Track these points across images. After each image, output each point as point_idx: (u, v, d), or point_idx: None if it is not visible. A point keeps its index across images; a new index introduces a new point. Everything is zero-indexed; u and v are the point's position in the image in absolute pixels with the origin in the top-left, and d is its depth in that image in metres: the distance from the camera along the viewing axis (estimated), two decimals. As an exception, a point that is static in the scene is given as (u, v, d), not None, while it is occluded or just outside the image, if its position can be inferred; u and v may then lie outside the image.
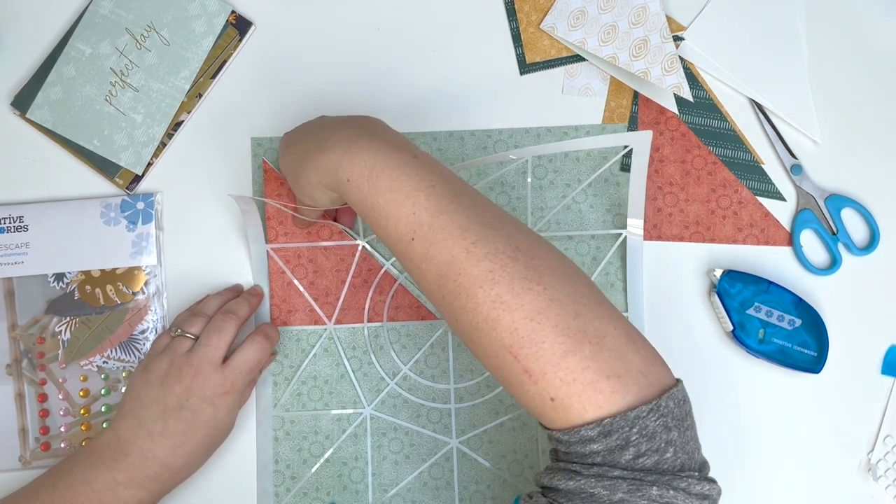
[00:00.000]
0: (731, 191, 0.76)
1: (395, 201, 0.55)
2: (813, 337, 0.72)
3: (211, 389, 0.64)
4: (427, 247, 0.54)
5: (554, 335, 0.50)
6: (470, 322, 0.52)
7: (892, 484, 0.72)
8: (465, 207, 0.54)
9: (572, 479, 0.49)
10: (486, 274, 0.51)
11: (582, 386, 0.49)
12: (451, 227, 0.53)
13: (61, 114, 0.75)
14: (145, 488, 0.63)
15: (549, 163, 0.76)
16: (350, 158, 0.57)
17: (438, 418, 0.73)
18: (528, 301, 0.50)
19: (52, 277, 0.73)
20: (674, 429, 0.50)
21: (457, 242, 0.53)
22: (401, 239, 0.55)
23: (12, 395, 0.72)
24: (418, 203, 0.54)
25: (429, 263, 0.54)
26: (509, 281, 0.51)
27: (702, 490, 0.49)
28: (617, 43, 0.75)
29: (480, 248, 0.52)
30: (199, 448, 0.65)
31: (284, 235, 0.74)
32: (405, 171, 0.55)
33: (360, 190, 0.56)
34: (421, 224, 0.54)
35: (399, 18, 0.77)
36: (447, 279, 0.53)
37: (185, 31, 0.75)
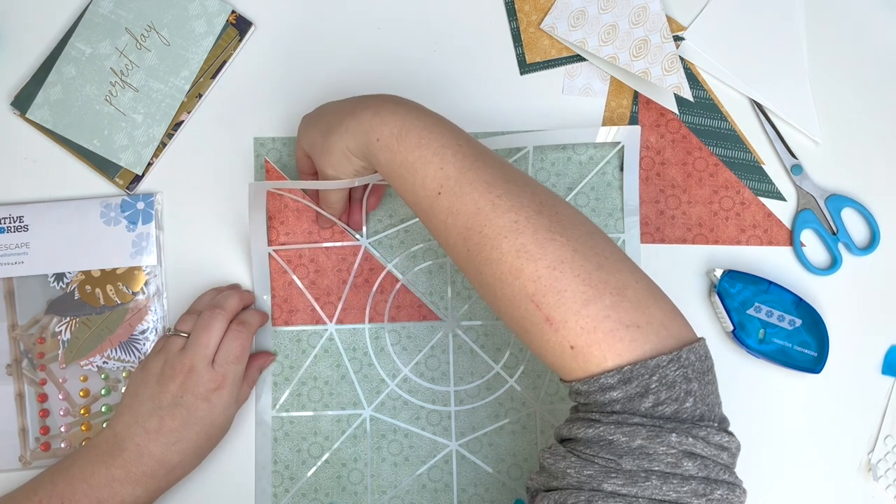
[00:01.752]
0: (734, 192, 0.76)
1: (423, 158, 0.57)
2: (813, 337, 0.72)
3: (204, 386, 0.65)
4: (453, 200, 0.56)
5: (576, 284, 0.51)
6: (493, 273, 0.54)
7: (893, 484, 0.72)
8: (491, 165, 0.57)
9: (591, 427, 0.50)
10: (511, 224, 0.53)
11: (602, 334, 0.50)
12: (478, 181, 0.55)
13: (61, 114, 0.75)
14: (142, 485, 0.63)
15: (552, 166, 0.76)
16: (380, 120, 0.59)
17: (438, 421, 0.73)
18: (551, 251, 0.52)
19: (52, 277, 0.73)
20: (694, 380, 0.51)
21: (483, 196, 0.55)
22: (427, 194, 0.57)
23: (12, 395, 0.72)
24: (446, 159, 0.57)
25: (455, 217, 0.56)
26: (533, 231, 0.53)
27: (720, 441, 0.50)
28: (617, 43, 0.75)
29: (506, 200, 0.54)
30: (194, 445, 0.65)
31: (286, 236, 0.74)
32: (432, 130, 0.58)
33: (390, 149, 0.59)
34: (448, 178, 0.56)
35: (399, 18, 0.77)
36: (472, 231, 0.55)
37: (186, 31, 0.76)
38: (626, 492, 0.48)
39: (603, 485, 0.48)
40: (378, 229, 0.75)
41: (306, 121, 0.67)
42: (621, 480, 0.48)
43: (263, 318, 0.72)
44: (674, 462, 0.48)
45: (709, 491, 0.48)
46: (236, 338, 0.67)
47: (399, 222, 0.75)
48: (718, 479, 0.49)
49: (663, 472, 0.48)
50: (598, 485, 0.48)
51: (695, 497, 0.48)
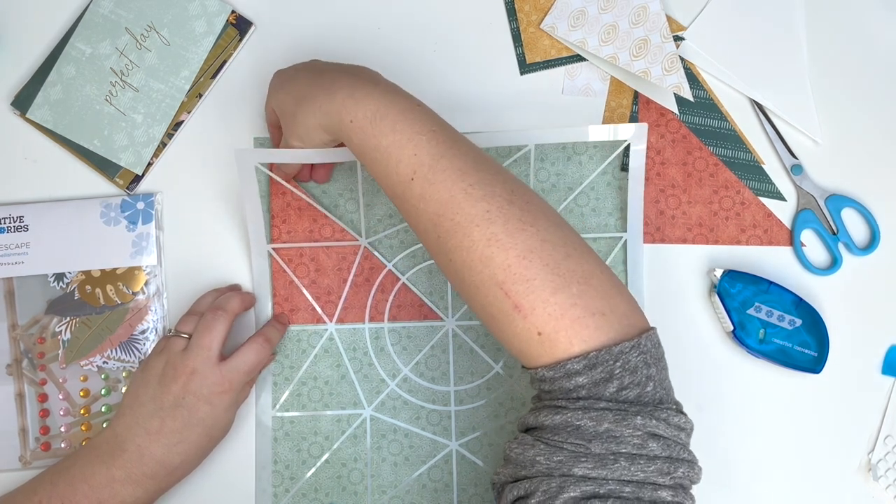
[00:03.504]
0: (734, 192, 0.76)
1: (397, 143, 0.57)
2: (813, 337, 0.72)
3: (208, 388, 0.64)
4: (426, 186, 0.56)
5: (545, 273, 0.52)
6: (463, 260, 0.55)
7: (893, 484, 0.72)
8: (465, 153, 0.57)
9: (558, 414, 0.51)
10: (483, 214, 0.54)
11: (569, 321, 0.52)
12: (451, 169, 0.56)
13: (61, 114, 0.75)
14: (142, 486, 0.63)
15: (552, 166, 0.76)
16: (354, 102, 0.59)
17: (438, 420, 0.73)
18: (521, 240, 0.53)
19: (53, 277, 0.73)
20: (653, 366, 0.53)
21: (455, 183, 0.55)
22: (400, 179, 0.57)
23: (12, 395, 0.72)
24: (420, 145, 0.57)
25: (426, 203, 0.56)
26: (504, 221, 0.54)
27: (678, 422, 0.52)
28: (617, 43, 0.75)
29: (478, 189, 0.55)
30: (195, 446, 0.65)
31: (287, 234, 0.74)
32: (407, 115, 0.58)
33: (364, 132, 0.59)
34: (422, 165, 0.56)
35: (399, 18, 0.77)
36: (444, 218, 0.55)
37: (186, 30, 0.76)
38: (595, 475, 0.49)
39: (573, 469, 0.50)
40: (378, 229, 0.75)
41: (279, 80, 0.67)
42: (591, 464, 0.50)
43: (283, 332, 0.73)
44: (640, 444, 0.50)
45: (672, 469, 0.50)
46: (257, 352, 0.68)
47: (399, 222, 0.75)
48: (679, 457, 0.51)
49: (630, 453, 0.50)
50: (568, 470, 0.50)
51: (660, 475, 0.50)
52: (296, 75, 0.65)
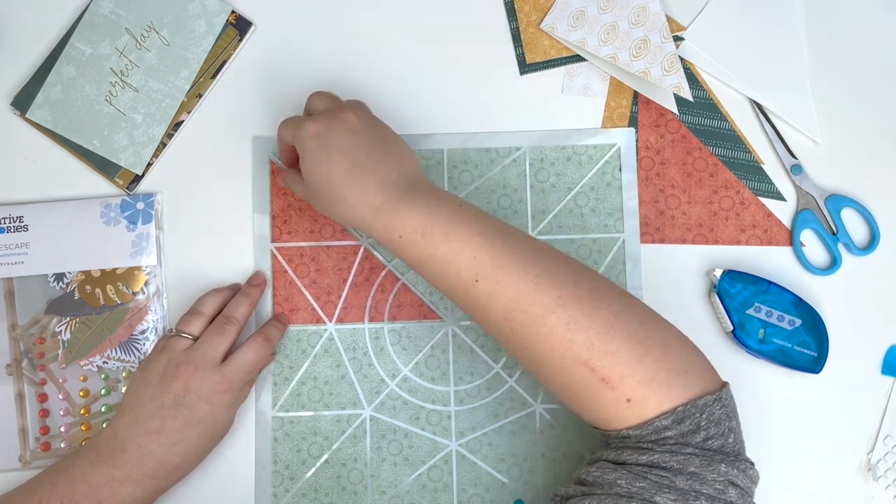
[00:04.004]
0: (733, 192, 0.76)
1: (453, 250, 0.58)
2: (813, 337, 0.72)
3: (208, 387, 0.65)
4: (493, 285, 0.57)
5: (627, 343, 0.55)
6: (542, 348, 0.56)
7: (892, 484, 0.72)
8: (520, 245, 0.59)
9: (644, 454, 0.53)
10: (555, 300, 0.56)
11: (657, 384, 0.54)
12: (513, 264, 0.57)
13: (61, 114, 0.75)
14: (142, 486, 0.63)
15: (552, 166, 0.76)
16: (400, 218, 0.60)
17: (438, 420, 0.73)
18: (598, 317, 0.55)
19: (52, 277, 0.73)
20: (733, 418, 0.56)
21: (521, 277, 0.57)
22: (463, 283, 0.59)
23: (12, 395, 0.72)
24: (477, 248, 0.58)
25: (495, 301, 0.57)
26: (578, 303, 0.56)
27: (753, 475, 0.55)
28: (617, 43, 0.75)
29: (544, 279, 0.57)
30: (195, 446, 0.65)
31: (288, 234, 0.74)
32: (456, 220, 0.59)
33: (415, 244, 0.59)
34: (484, 266, 0.58)
35: (399, 19, 0.77)
36: (517, 312, 0.57)
37: (186, 31, 0.76)
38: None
39: (655, 497, 0.51)
40: None
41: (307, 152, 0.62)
42: (673, 496, 0.51)
43: (283, 332, 0.73)
44: (721, 489, 0.52)
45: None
46: (258, 351, 0.68)
47: (399, 222, 0.75)
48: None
49: (711, 495, 0.52)
50: (650, 496, 0.51)
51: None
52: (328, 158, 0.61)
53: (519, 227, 0.75)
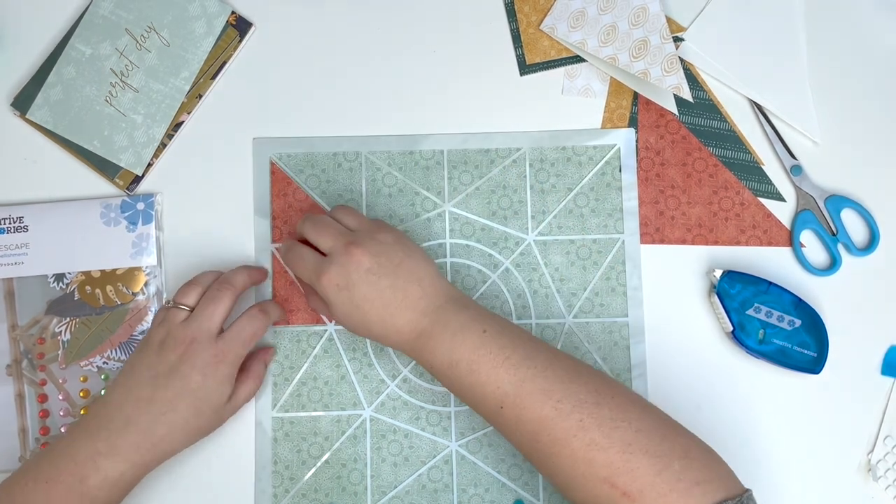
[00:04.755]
0: (733, 192, 0.76)
1: (478, 382, 0.61)
2: (813, 337, 0.72)
3: (203, 359, 0.64)
4: (517, 412, 0.60)
5: (646, 459, 0.56)
6: (564, 465, 0.58)
7: (892, 484, 0.72)
8: (543, 369, 0.60)
9: None
10: (576, 424, 0.57)
11: (677, 494, 0.55)
12: (535, 391, 0.59)
13: (61, 114, 0.75)
14: (126, 459, 0.62)
15: (552, 167, 0.76)
16: (429, 353, 0.63)
17: (438, 421, 0.73)
18: (618, 437, 0.57)
19: (52, 278, 0.73)
20: None
21: (544, 404, 0.59)
22: (490, 409, 0.61)
23: (12, 395, 0.72)
24: (499, 378, 0.60)
25: (521, 425, 0.60)
26: (598, 425, 0.57)
27: None
28: (617, 44, 0.75)
29: (566, 403, 0.58)
30: (183, 418, 0.64)
31: (289, 235, 0.74)
32: (479, 352, 0.61)
33: (444, 376, 0.63)
34: (507, 395, 0.60)
35: (399, 19, 0.78)
36: (541, 434, 0.59)
37: (186, 31, 0.76)
38: None
39: None
40: None
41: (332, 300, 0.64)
42: None
43: (283, 313, 0.73)
44: None
45: None
46: (252, 322, 0.67)
47: (399, 223, 0.75)
48: None
49: None
50: None
51: None
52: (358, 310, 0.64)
53: (519, 227, 0.75)
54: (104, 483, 0.61)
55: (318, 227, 0.66)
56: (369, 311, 0.63)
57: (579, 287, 0.75)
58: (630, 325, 0.74)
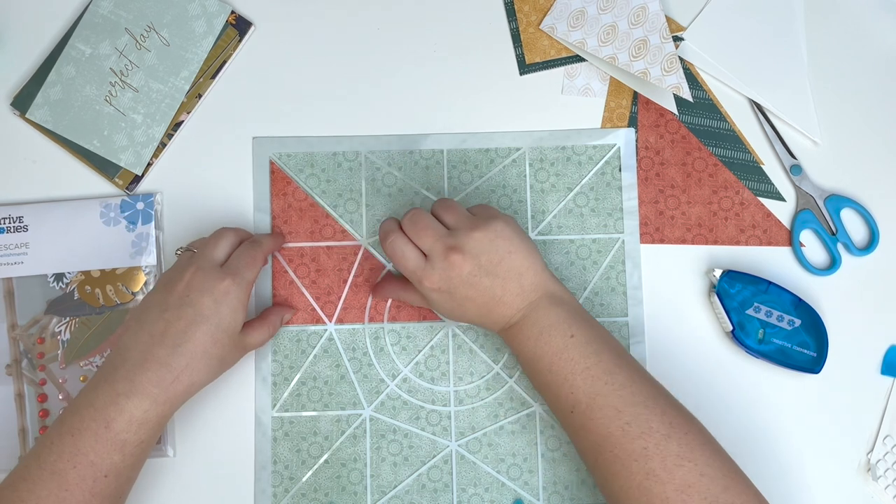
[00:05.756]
0: (733, 192, 0.76)
1: (555, 382, 0.62)
2: (812, 337, 0.72)
3: (210, 282, 0.64)
4: (584, 421, 0.60)
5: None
6: (621, 486, 0.58)
7: (892, 484, 0.72)
8: (620, 386, 0.60)
9: None
10: (640, 450, 0.57)
11: None
12: (607, 407, 0.59)
13: (61, 114, 0.75)
14: (148, 395, 0.60)
15: (552, 166, 0.76)
16: (518, 344, 0.64)
17: (438, 420, 0.73)
18: (679, 476, 0.56)
19: (52, 277, 0.73)
20: None
21: (612, 422, 0.59)
22: (561, 410, 0.62)
23: (12, 395, 0.72)
24: (575, 385, 0.61)
25: (586, 433, 0.60)
26: (662, 458, 0.57)
27: None
28: (616, 43, 0.75)
29: (635, 427, 0.58)
30: (201, 347, 0.62)
31: (289, 234, 0.74)
32: (562, 356, 0.61)
33: (527, 368, 0.64)
34: (579, 402, 0.60)
35: (399, 18, 0.78)
36: (604, 449, 0.59)
37: (185, 31, 0.76)
38: None
39: None
40: (378, 229, 0.75)
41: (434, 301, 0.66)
42: None
43: (277, 241, 0.72)
44: None
45: None
46: (246, 250, 0.67)
47: (399, 222, 0.75)
48: None
49: None
50: None
51: None
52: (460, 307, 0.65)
53: (519, 227, 0.75)
54: (130, 424, 0.60)
55: (418, 226, 0.65)
56: (469, 307, 0.65)
57: (579, 287, 0.75)
58: (630, 324, 0.74)
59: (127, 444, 0.60)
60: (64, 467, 0.59)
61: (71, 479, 0.59)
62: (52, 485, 0.59)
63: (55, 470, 0.59)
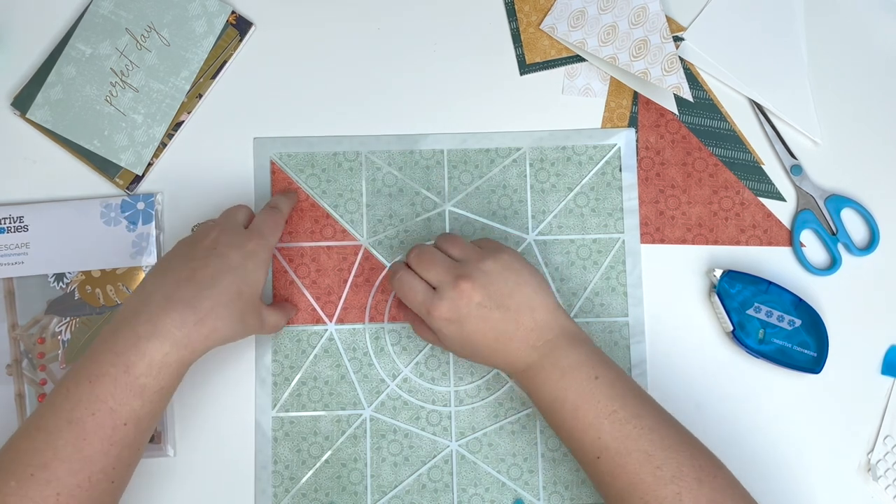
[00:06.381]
0: (733, 192, 0.76)
1: (578, 429, 0.60)
2: (813, 337, 0.72)
3: (237, 239, 0.64)
4: (612, 467, 0.58)
5: None
6: None
7: (892, 484, 0.72)
8: (649, 430, 0.58)
9: None
10: (673, 496, 0.56)
11: None
12: (636, 451, 0.58)
13: (61, 114, 0.75)
14: (169, 337, 0.58)
15: (552, 166, 0.76)
16: (536, 387, 0.62)
17: (438, 420, 0.73)
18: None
19: (53, 277, 0.73)
20: None
21: (643, 466, 0.57)
22: (586, 457, 0.60)
23: (12, 395, 0.72)
24: (602, 430, 0.59)
25: (614, 479, 0.58)
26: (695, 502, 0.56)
27: None
28: (617, 43, 0.75)
29: (667, 471, 0.57)
30: (225, 295, 0.61)
31: (289, 235, 0.74)
32: (586, 399, 0.60)
33: (547, 413, 0.62)
34: (607, 448, 0.58)
35: (399, 18, 0.78)
36: (633, 496, 0.57)
37: (186, 31, 0.76)
38: None
39: None
40: (378, 229, 0.75)
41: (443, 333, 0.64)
42: None
43: (292, 200, 0.73)
44: None
45: None
46: (268, 214, 0.68)
47: (399, 222, 0.75)
48: None
49: None
50: None
51: None
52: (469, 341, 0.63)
53: (519, 227, 0.75)
54: (150, 368, 0.57)
55: (424, 260, 0.65)
56: (480, 342, 0.63)
57: (579, 287, 0.75)
58: (630, 324, 0.74)
59: (146, 389, 0.57)
60: (82, 415, 0.57)
61: (89, 427, 0.57)
62: (69, 434, 0.56)
63: (72, 418, 0.57)
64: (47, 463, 0.56)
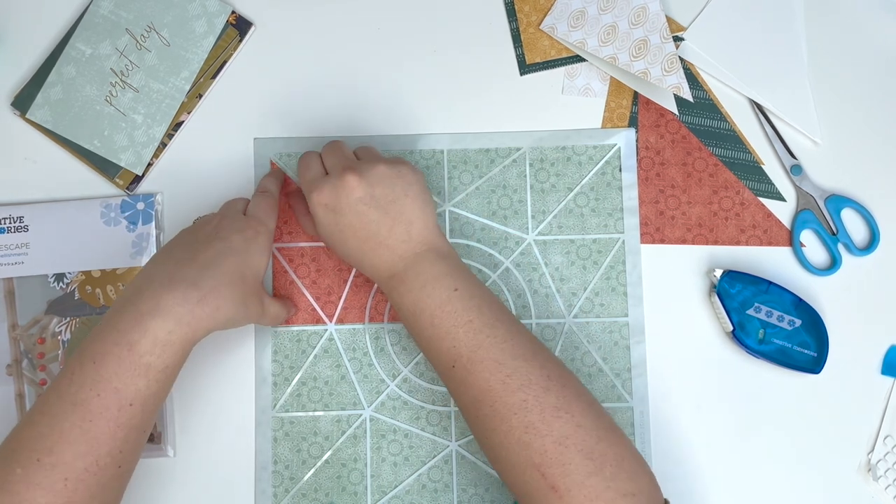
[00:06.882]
0: (733, 192, 0.76)
1: (436, 336, 0.61)
2: (813, 337, 0.72)
3: (239, 225, 0.64)
4: (465, 375, 0.60)
5: (580, 458, 0.56)
6: (500, 442, 0.58)
7: (892, 484, 0.72)
8: (502, 340, 0.60)
9: None
10: (519, 403, 0.57)
11: (602, 502, 0.55)
12: (488, 360, 0.59)
13: (61, 114, 0.75)
14: (172, 315, 0.57)
15: (552, 166, 0.76)
16: (399, 296, 0.63)
17: (438, 421, 0.73)
18: (557, 427, 0.57)
19: (53, 278, 0.73)
20: None
21: (493, 374, 0.58)
22: (441, 366, 0.62)
23: (12, 395, 0.72)
24: (457, 338, 0.60)
25: (467, 388, 0.60)
26: (541, 410, 0.57)
27: None
28: (617, 43, 0.75)
29: (515, 380, 0.58)
30: (228, 277, 0.61)
31: (289, 235, 0.74)
32: (444, 308, 0.61)
33: (407, 321, 0.63)
34: (460, 356, 0.60)
35: (399, 18, 0.78)
36: (483, 404, 0.59)
37: (186, 31, 0.76)
38: None
39: None
40: None
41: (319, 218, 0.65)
42: None
43: (279, 177, 0.73)
44: None
45: None
46: (261, 199, 0.69)
47: (399, 222, 0.75)
48: None
49: None
50: None
51: None
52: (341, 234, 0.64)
53: (519, 227, 0.75)
54: (154, 346, 0.57)
55: (331, 147, 0.67)
56: (350, 238, 0.64)
57: (579, 287, 0.75)
58: (630, 324, 0.74)
59: (151, 367, 0.57)
60: (87, 396, 0.56)
61: (95, 408, 0.56)
62: (74, 416, 0.56)
63: (77, 400, 0.56)
64: (53, 447, 0.55)
